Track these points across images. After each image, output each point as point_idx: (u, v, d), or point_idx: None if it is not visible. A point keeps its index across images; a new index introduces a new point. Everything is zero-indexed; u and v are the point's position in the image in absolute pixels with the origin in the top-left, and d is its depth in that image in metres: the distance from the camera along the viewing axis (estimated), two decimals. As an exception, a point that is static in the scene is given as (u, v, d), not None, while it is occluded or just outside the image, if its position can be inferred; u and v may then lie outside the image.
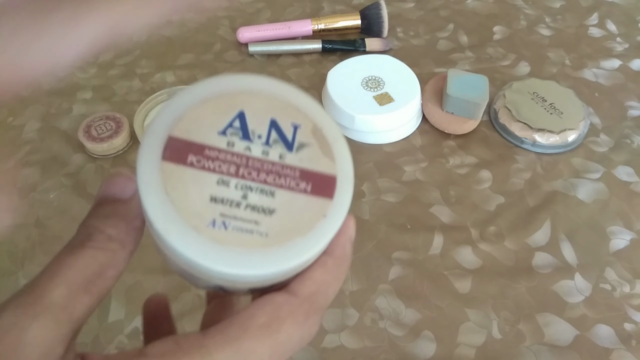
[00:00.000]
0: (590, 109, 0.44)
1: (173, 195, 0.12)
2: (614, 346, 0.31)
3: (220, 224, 0.12)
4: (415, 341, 0.31)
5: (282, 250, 0.12)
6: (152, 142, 0.13)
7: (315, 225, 0.13)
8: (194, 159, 0.13)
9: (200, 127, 0.13)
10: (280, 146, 0.13)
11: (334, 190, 0.13)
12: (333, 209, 0.13)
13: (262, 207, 0.13)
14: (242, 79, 0.14)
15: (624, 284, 0.34)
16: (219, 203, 0.12)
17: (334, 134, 0.14)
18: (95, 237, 0.13)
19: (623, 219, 0.37)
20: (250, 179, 0.13)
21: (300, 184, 0.13)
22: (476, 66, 0.48)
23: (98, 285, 0.12)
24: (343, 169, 0.14)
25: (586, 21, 0.53)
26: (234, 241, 0.12)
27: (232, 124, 0.13)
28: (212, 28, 0.52)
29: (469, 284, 0.33)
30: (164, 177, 0.12)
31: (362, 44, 0.49)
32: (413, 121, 0.43)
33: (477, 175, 0.40)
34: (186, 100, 0.13)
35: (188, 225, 0.12)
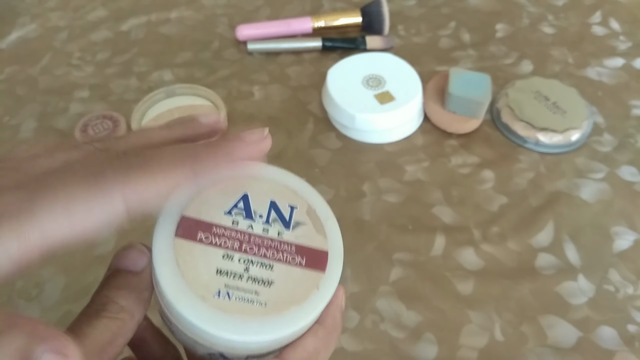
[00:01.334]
0: (593, 108, 0.44)
1: (184, 268, 0.14)
2: (618, 348, 0.31)
3: (224, 294, 0.14)
4: (417, 343, 0.31)
5: (279, 318, 0.14)
6: (167, 221, 0.14)
7: (309, 296, 0.15)
8: (203, 236, 0.15)
9: (210, 208, 0.15)
10: (278, 224, 0.15)
11: (326, 264, 0.15)
12: (325, 281, 0.15)
13: (262, 279, 0.14)
14: (245, 166, 0.16)
15: (628, 285, 0.33)
16: (224, 275, 0.14)
17: (326, 214, 0.16)
18: (109, 307, 0.14)
19: (627, 220, 0.37)
20: (252, 254, 0.15)
21: (296, 258, 0.15)
22: (478, 64, 0.47)
23: (109, 352, 0.13)
24: (334, 245, 0.16)
25: (589, 19, 0.52)
26: (236, 310, 0.14)
27: (237, 204, 0.15)
28: (211, 26, 0.52)
29: (471, 286, 0.33)
30: (176, 252, 0.14)
31: (363, 42, 0.48)
32: (414, 120, 0.42)
33: (480, 175, 0.39)
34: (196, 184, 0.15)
35: (196, 296, 0.13)
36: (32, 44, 0.50)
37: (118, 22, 0.52)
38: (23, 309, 0.32)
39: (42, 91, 0.46)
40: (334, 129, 0.42)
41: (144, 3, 0.54)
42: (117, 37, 0.51)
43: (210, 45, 0.50)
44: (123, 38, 0.50)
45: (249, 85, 0.46)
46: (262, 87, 0.46)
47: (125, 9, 0.53)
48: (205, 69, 0.47)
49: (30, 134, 0.42)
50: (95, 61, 0.48)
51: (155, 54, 0.49)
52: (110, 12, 0.53)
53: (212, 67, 0.47)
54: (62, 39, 0.50)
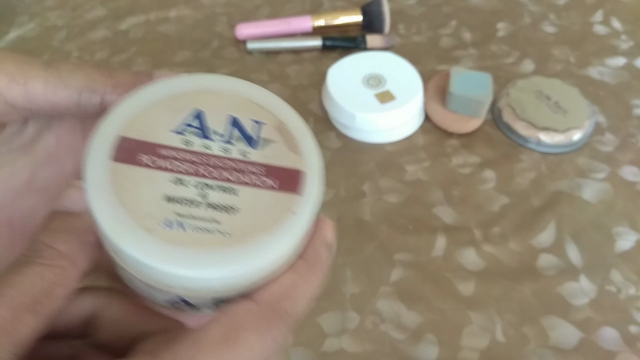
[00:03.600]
0: (595, 107, 0.44)
1: (124, 197, 0.11)
2: (619, 349, 0.30)
3: (176, 225, 0.11)
4: (418, 345, 0.30)
5: (246, 248, 0.12)
6: (101, 143, 0.12)
7: (282, 221, 0.12)
8: (146, 159, 0.12)
9: (155, 127, 0.13)
10: (242, 144, 0.13)
11: (302, 185, 0.13)
12: (302, 204, 0.13)
13: (224, 205, 0.12)
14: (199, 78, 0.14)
15: (630, 286, 0.33)
16: (175, 203, 0.12)
17: (300, 129, 0.14)
18: (44, 253, 0.12)
19: (629, 220, 0.36)
20: (210, 177, 0.12)
21: (266, 180, 0.13)
22: (479, 64, 0.47)
23: (46, 305, 0.11)
24: (310, 163, 0.13)
25: (591, 18, 0.52)
26: (192, 241, 0.11)
27: (190, 122, 0.13)
28: (210, 25, 0.51)
29: (472, 286, 0.33)
30: (113, 178, 0.12)
31: (363, 41, 0.48)
32: (415, 120, 0.42)
33: (481, 175, 0.39)
34: (139, 100, 0.13)
35: (140, 227, 0.11)
36: (30, 43, 0.50)
37: (117, 21, 0.52)
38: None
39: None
40: (334, 128, 0.42)
41: (143, 2, 0.54)
42: (115, 36, 0.50)
43: (210, 44, 0.49)
44: (122, 37, 0.50)
45: (248, 85, 0.46)
46: (262, 86, 0.45)
47: (124, 8, 0.53)
48: (205, 68, 0.47)
49: (29, 134, 0.42)
50: (93, 60, 0.48)
51: (154, 53, 0.48)
52: (109, 11, 0.53)
53: (211, 66, 0.47)
54: (60, 38, 0.50)
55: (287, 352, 0.30)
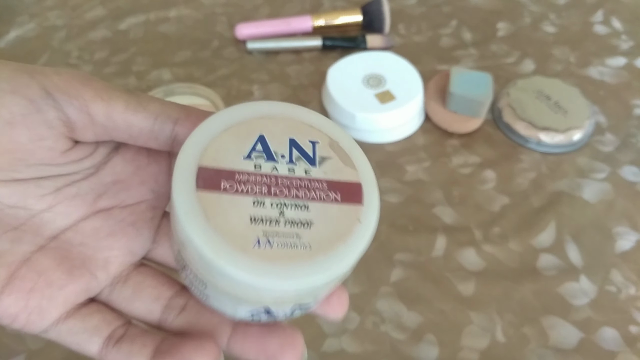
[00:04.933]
0: (595, 107, 0.44)
1: (215, 222, 0.13)
2: (619, 349, 0.30)
3: (265, 243, 0.13)
4: (418, 345, 0.30)
5: (326, 258, 0.13)
6: (184, 174, 0.13)
7: (352, 230, 0.14)
8: (227, 185, 0.13)
9: (227, 154, 0.14)
10: (303, 162, 0.14)
11: (362, 195, 0.14)
12: (365, 213, 0.14)
13: (300, 221, 0.13)
14: (257, 106, 0.15)
15: (630, 286, 0.33)
16: (259, 223, 0.13)
17: (350, 145, 0.15)
18: None
19: (629, 220, 0.36)
20: (283, 196, 0.14)
21: (330, 194, 0.14)
22: (480, 63, 0.47)
23: None
24: (365, 175, 0.15)
25: (591, 18, 0.52)
26: (281, 256, 0.13)
27: (255, 147, 0.14)
28: (210, 24, 0.51)
29: (473, 287, 0.33)
30: (201, 205, 0.13)
31: (363, 41, 0.48)
32: (415, 120, 0.42)
33: (481, 175, 0.39)
34: (207, 130, 0.14)
35: (235, 248, 0.12)
36: (30, 43, 0.50)
37: (116, 21, 0.52)
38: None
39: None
40: (334, 128, 0.42)
41: (143, 2, 0.54)
42: (115, 36, 0.50)
43: (210, 44, 0.49)
44: (121, 37, 0.50)
45: (248, 85, 0.46)
46: (262, 86, 0.46)
47: (124, 8, 0.53)
48: (205, 68, 0.47)
49: (29, 134, 0.42)
50: (93, 60, 0.48)
51: (154, 53, 0.48)
52: (109, 11, 0.53)
53: (211, 66, 0.47)
54: (60, 38, 0.50)
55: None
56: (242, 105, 0.15)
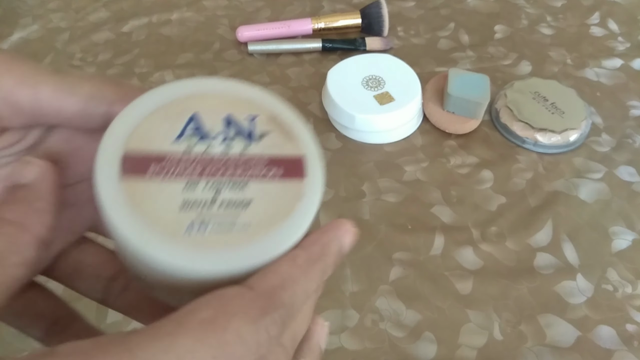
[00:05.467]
0: (592, 108, 0.44)
1: (142, 210, 0.12)
2: (616, 347, 0.31)
3: (197, 227, 0.12)
4: (416, 342, 0.31)
5: (267, 238, 0.12)
6: (107, 160, 0.12)
7: (295, 206, 0.13)
8: (155, 169, 0.12)
9: (156, 137, 0.13)
10: (241, 139, 0.13)
11: (305, 169, 0.13)
12: (308, 187, 0.13)
13: (237, 201, 0.12)
14: (188, 83, 0.14)
15: (626, 285, 0.33)
16: (191, 207, 0.12)
17: (292, 118, 0.14)
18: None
19: (625, 219, 0.37)
20: (217, 177, 0.13)
21: (270, 170, 0.13)
22: (477, 65, 0.48)
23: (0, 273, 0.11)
24: (308, 148, 0.14)
25: (588, 20, 0.52)
26: (217, 241, 0.12)
27: (187, 127, 0.13)
28: (212, 27, 0.52)
29: (470, 285, 0.33)
30: (128, 193, 0.12)
31: (363, 43, 0.48)
32: (414, 121, 0.42)
33: (479, 175, 0.39)
34: (136, 111, 0.13)
35: (165, 236, 0.12)
36: (34, 45, 0.50)
37: (119, 23, 0.52)
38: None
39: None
40: (333, 129, 0.43)
41: (145, 4, 0.54)
42: (118, 38, 0.51)
43: (211, 46, 0.50)
44: (124, 39, 0.51)
45: (249, 86, 0.46)
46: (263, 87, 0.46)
47: (127, 10, 0.54)
48: (206, 70, 0.47)
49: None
50: (96, 62, 0.48)
51: (157, 55, 0.49)
52: (112, 13, 0.54)
53: (213, 68, 0.48)
54: (63, 40, 0.51)
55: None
56: (174, 83, 0.14)
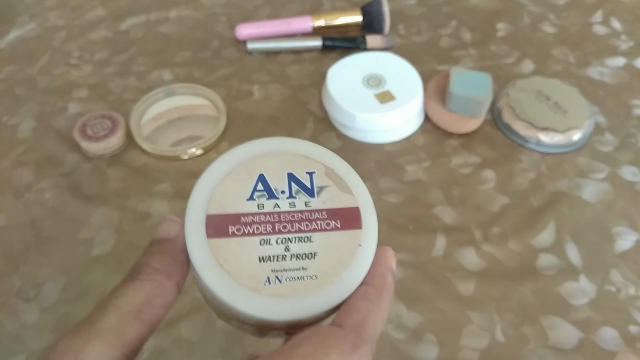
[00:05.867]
0: (595, 107, 0.44)
1: (227, 267, 0.14)
2: (619, 349, 0.30)
3: (274, 280, 0.14)
4: (418, 344, 0.30)
5: (332, 286, 0.14)
6: (194, 225, 0.15)
7: (354, 255, 0.15)
8: (234, 229, 0.15)
9: (231, 199, 0.15)
10: (303, 195, 0.15)
11: (360, 219, 0.15)
12: (364, 236, 0.15)
13: (305, 253, 0.15)
14: (253, 145, 0.16)
15: (629, 286, 0.33)
16: (267, 261, 0.14)
17: (345, 170, 0.16)
18: (143, 270, 0.14)
19: (628, 220, 0.36)
20: (287, 232, 0.15)
21: (330, 222, 0.15)
22: (479, 64, 0.47)
23: (148, 314, 0.13)
24: (362, 199, 0.16)
25: (590, 19, 0.52)
26: (290, 291, 0.14)
27: (256, 187, 0.15)
28: (210, 25, 0.51)
29: (472, 286, 0.33)
30: (214, 253, 0.14)
31: (363, 41, 0.48)
32: (415, 120, 0.42)
33: (481, 175, 0.39)
34: (211, 178, 0.15)
35: (248, 289, 0.14)
36: (30, 44, 0.50)
37: (117, 21, 0.52)
38: (22, 310, 0.32)
39: (41, 91, 0.45)
40: (334, 128, 0.42)
41: (143, 2, 0.54)
42: (116, 37, 0.50)
43: (210, 44, 0.49)
44: (122, 37, 0.50)
45: (248, 85, 0.46)
46: (262, 86, 0.46)
47: (124, 8, 0.53)
48: (205, 69, 0.47)
49: (29, 134, 0.42)
50: (94, 61, 0.48)
51: (155, 53, 0.48)
52: (109, 11, 0.53)
53: (211, 66, 0.47)
54: (60, 39, 0.50)
55: None
56: (239, 147, 0.16)
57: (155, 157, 0.40)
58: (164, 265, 0.14)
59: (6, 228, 0.36)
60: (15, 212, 0.37)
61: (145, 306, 0.13)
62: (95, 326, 0.13)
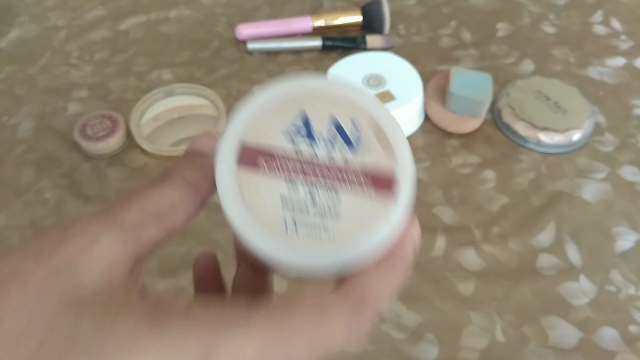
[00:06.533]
0: (595, 107, 0.44)
1: (249, 201, 0.14)
2: (619, 349, 0.30)
3: (293, 230, 0.14)
4: (418, 344, 0.30)
5: (346, 249, 0.14)
6: (227, 149, 0.14)
7: (379, 225, 0.14)
8: (264, 164, 0.14)
9: (269, 132, 0.14)
10: (343, 147, 0.15)
11: (396, 190, 0.14)
12: (395, 210, 0.14)
13: (330, 211, 0.14)
14: (302, 80, 0.15)
15: (629, 286, 0.33)
16: (289, 209, 0.14)
17: (393, 128, 0.15)
18: (174, 176, 0.14)
19: (628, 220, 0.36)
20: (317, 182, 0.14)
21: (364, 183, 0.14)
22: (479, 64, 0.47)
23: (168, 220, 0.13)
24: (403, 166, 0.15)
25: (590, 19, 0.52)
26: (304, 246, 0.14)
27: (296, 124, 0.15)
28: (210, 25, 0.51)
29: (472, 286, 0.33)
30: (240, 184, 0.14)
31: (363, 41, 0.48)
32: (415, 120, 0.42)
33: (481, 175, 0.39)
34: (253, 106, 0.15)
35: (265, 229, 0.14)
36: (31, 44, 0.50)
37: (117, 21, 0.52)
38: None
39: (41, 91, 0.45)
40: (334, 128, 0.42)
41: (143, 2, 0.54)
42: (116, 37, 0.50)
43: (210, 44, 0.49)
44: (122, 37, 0.50)
45: (248, 85, 0.46)
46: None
47: (124, 8, 0.53)
48: (205, 69, 0.47)
49: (29, 134, 0.42)
50: (94, 61, 0.48)
51: (155, 53, 0.48)
52: (109, 11, 0.53)
53: (211, 66, 0.47)
54: (60, 39, 0.50)
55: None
56: (287, 79, 0.15)
57: (155, 157, 0.40)
58: (195, 178, 0.14)
59: (6, 228, 0.36)
60: (15, 212, 0.37)
61: (168, 211, 0.13)
62: (117, 217, 0.12)
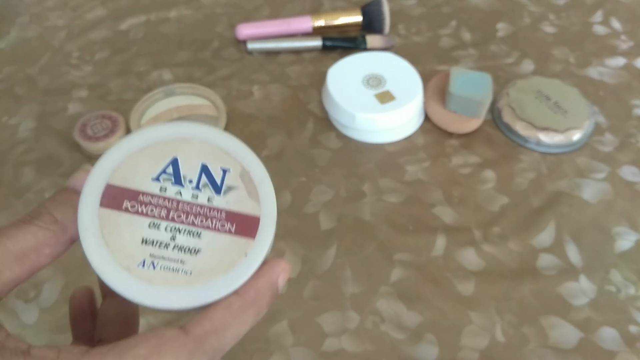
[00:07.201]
0: (595, 107, 0.44)
1: (108, 239, 0.14)
2: (619, 349, 0.30)
3: (149, 264, 0.14)
4: (418, 345, 0.30)
5: (203, 287, 0.14)
6: (91, 190, 0.14)
7: (236, 263, 0.14)
8: (128, 205, 0.14)
9: (136, 174, 0.15)
10: (209, 190, 0.15)
11: (257, 230, 0.15)
12: (254, 248, 0.15)
13: (189, 248, 0.14)
14: (176, 127, 0.16)
15: (629, 286, 0.33)
16: (149, 245, 0.14)
17: (261, 177, 0.16)
18: (43, 217, 0.14)
19: (628, 220, 0.36)
20: (179, 222, 0.14)
21: (225, 225, 0.15)
22: (479, 64, 0.47)
23: (32, 259, 0.13)
24: (266, 210, 0.15)
25: (591, 18, 0.52)
26: (160, 280, 0.14)
27: (166, 170, 0.15)
28: (210, 25, 0.51)
29: (472, 286, 0.33)
30: (101, 222, 0.14)
31: (363, 41, 0.48)
32: (415, 120, 0.42)
33: (481, 175, 0.39)
34: (124, 148, 0.15)
35: (120, 266, 0.14)
36: (31, 44, 0.50)
37: (117, 21, 0.52)
38: (21, 310, 0.32)
39: (41, 91, 0.45)
40: (334, 128, 0.42)
41: (143, 2, 0.54)
42: (116, 37, 0.50)
43: (210, 44, 0.49)
44: (122, 37, 0.50)
45: (248, 85, 0.46)
46: (262, 86, 0.46)
47: (124, 8, 0.53)
48: (205, 69, 0.47)
49: (29, 134, 0.42)
50: (94, 61, 0.48)
51: (155, 53, 0.48)
52: (109, 11, 0.53)
53: (211, 66, 0.47)
54: (61, 39, 0.50)
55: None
56: (161, 125, 0.15)
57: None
58: (64, 218, 0.14)
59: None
60: (15, 212, 0.37)
61: (32, 252, 0.13)
62: None
